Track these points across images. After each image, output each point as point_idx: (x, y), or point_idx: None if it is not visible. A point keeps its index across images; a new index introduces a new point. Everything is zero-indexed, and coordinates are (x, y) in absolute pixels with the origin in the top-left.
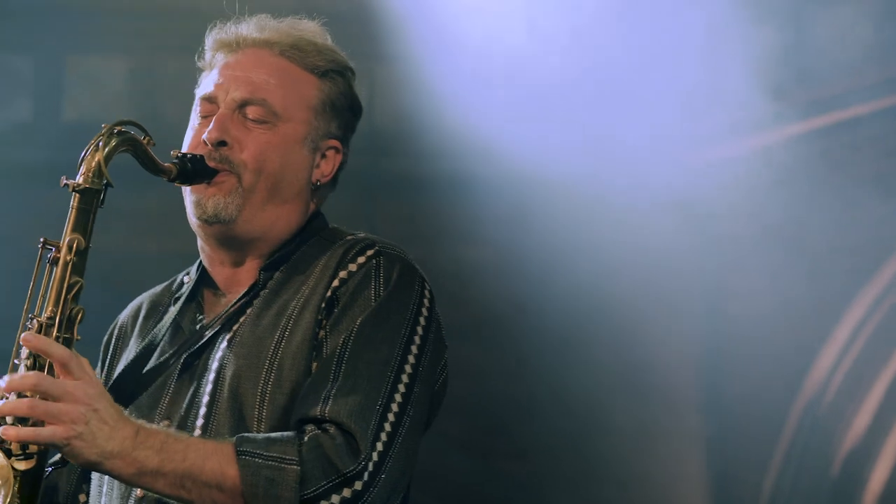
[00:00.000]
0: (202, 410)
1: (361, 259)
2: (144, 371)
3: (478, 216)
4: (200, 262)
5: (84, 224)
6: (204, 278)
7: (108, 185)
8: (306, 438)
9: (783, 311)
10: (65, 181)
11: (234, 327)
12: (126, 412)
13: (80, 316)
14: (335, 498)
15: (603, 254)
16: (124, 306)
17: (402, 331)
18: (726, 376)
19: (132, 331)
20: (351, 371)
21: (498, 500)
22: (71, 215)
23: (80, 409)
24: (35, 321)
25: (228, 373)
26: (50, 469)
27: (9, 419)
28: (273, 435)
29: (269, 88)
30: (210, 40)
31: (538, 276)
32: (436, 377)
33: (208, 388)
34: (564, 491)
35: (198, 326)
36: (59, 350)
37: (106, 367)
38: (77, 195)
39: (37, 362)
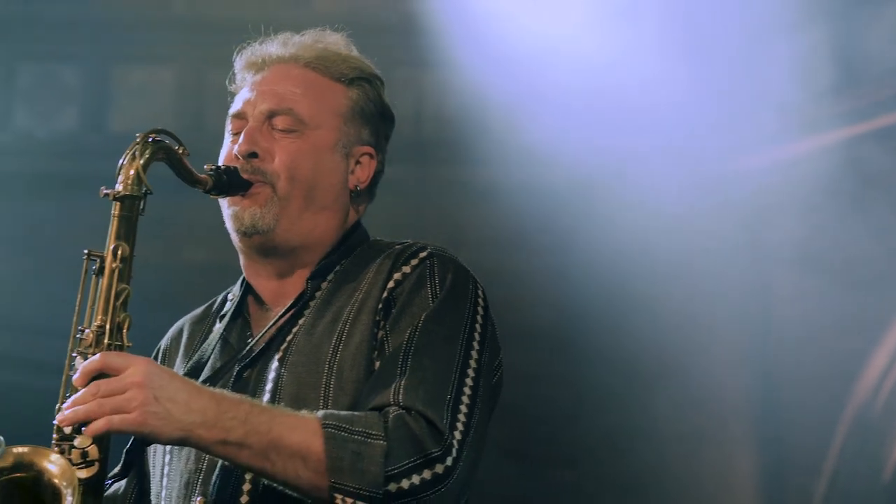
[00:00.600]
0: None
1: (415, 261)
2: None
3: (525, 223)
4: (244, 278)
5: (127, 231)
6: (248, 293)
7: (147, 192)
8: (391, 416)
9: (833, 315)
10: (105, 191)
11: (288, 338)
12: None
13: (127, 323)
14: (416, 478)
15: (650, 259)
16: (170, 318)
17: (462, 329)
18: (776, 381)
19: (176, 353)
20: (417, 366)
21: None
22: (113, 223)
23: (145, 391)
24: (88, 332)
25: (287, 381)
26: (110, 482)
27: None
28: (357, 412)
29: (296, 98)
30: (238, 63)
31: (584, 282)
32: (493, 377)
33: (265, 397)
34: (613, 498)
35: (248, 340)
36: (91, 363)
37: None
38: (118, 203)
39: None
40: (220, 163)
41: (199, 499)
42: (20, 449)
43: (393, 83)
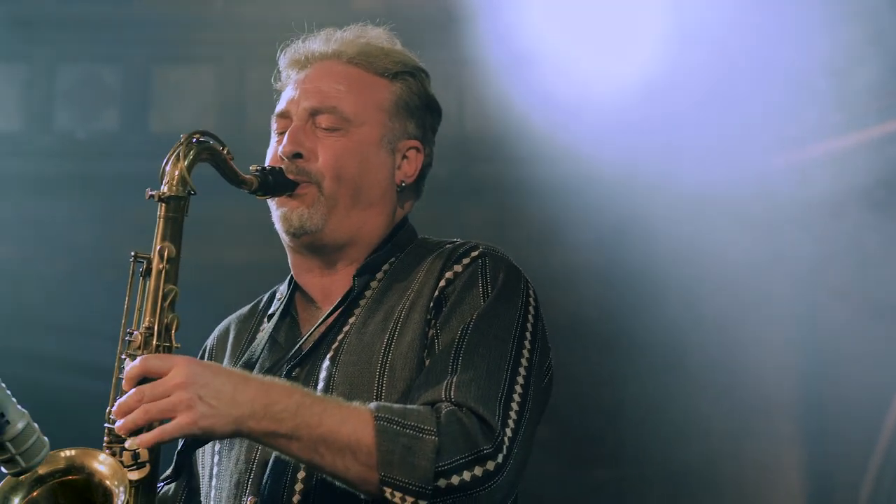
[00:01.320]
0: None
1: (466, 260)
2: None
3: (568, 221)
4: (291, 276)
5: (173, 232)
6: (296, 292)
7: (192, 192)
8: (444, 412)
9: (880, 313)
10: (150, 193)
11: (339, 336)
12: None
13: (175, 324)
14: (467, 474)
15: (693, 256)
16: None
17: (513, 328)
18: (822, 379)
19: (223, 352)
20: (468, 364)
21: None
22: (159, 225)
23: (189, 391)
24: (136, 333)
25: (339, 379)
26: (162, 484)
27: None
28: (410, 406)
29: (339, 95)
30: (283, 61)
31: (627, 280)
32: (543, 378)
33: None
34: (657, 495)
35: (297, 339)
36: (133, 369)
37: None
38: (163, 204)
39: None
40: (267, 163)
41: (250, 498)
42: (71, 451)
43: (434, 81)
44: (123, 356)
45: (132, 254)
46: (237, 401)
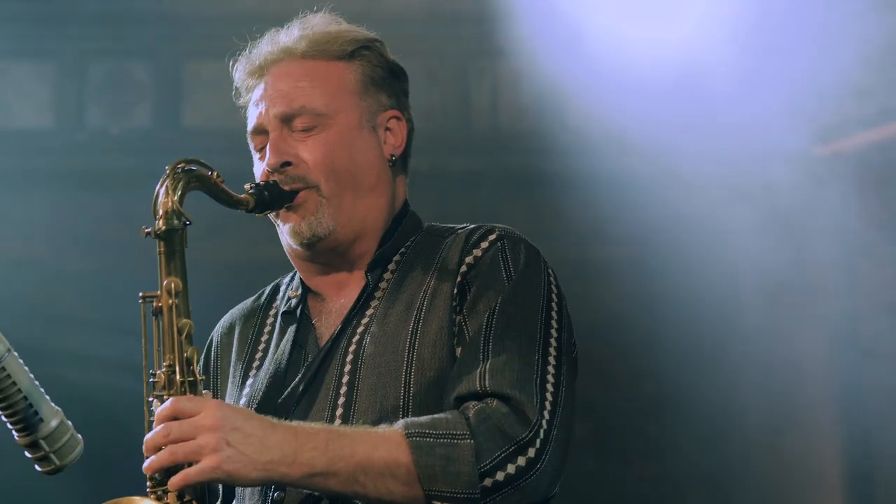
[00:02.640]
0: (338, 411)
1: (485, 244)
2: (267, 394)
3: (603, 214)
4: (298, 275)
5: (175, 266)
6: (307, 293)
7: (187, 223)
8: (472, 413)
9: None
10: (146, 230)
11: (359, 329)
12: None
13: (196, 357)
14: (511, 467)
15: (733, 250)
16: None
17: (539, 308)
18: (863, 374)
19: (229, 350)
20: (500, 349)
21: (632, 502)
22: (161, 261)
23: (217, 435)
24: (159, 373)
25: (365, 373)
26: None
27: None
28: (436, 415)
29: (304, 93)
30: (238, 76)
31: (665, 274)
32: (571, 351)
33: (343, 389)
34: (697, 491)
35: (315, 339)
36: (164, 410)
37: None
38: (161, 241)
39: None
40: (257, 177)
41: (277, 493)
42: (119, 501)
43: (469, 73)
44: (151, 399)
45: (140, 295)
46: (266, 445)
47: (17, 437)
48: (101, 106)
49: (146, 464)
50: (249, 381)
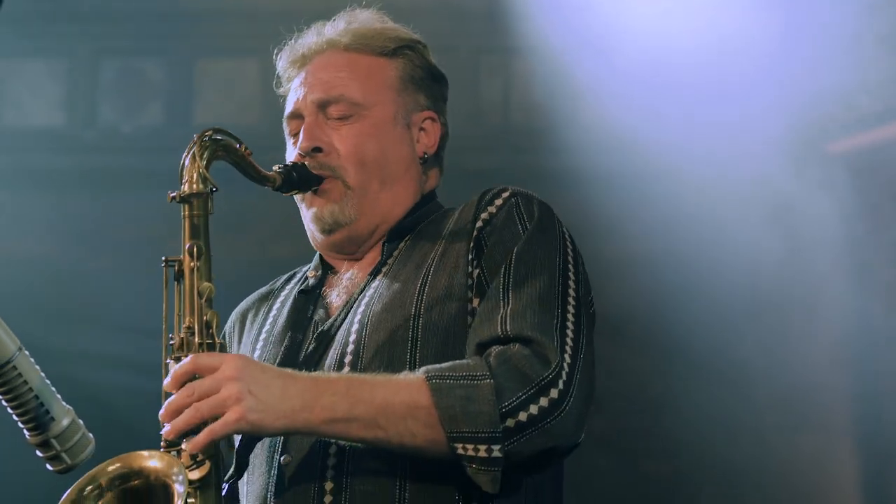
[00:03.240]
0: (345, 369)
1: (499, 201)
2: (278, 359)
3: (616, 212)
4: (320, 256)
5: (199, 231)
6: (328, 272)
7: (213, 189)
8: (493, 355)
9: None
10: (171, 195)
11: (369, 291)
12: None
13: (216, 320)
14: (533, 408)
15: (745, 247)
16: None
17: (556, 258)
18: (877, 373)
19: (242, 330)
20: (519, 294)
21: (644, 501)
22: (185, 225)
23: (238, 385)
24: (177, 338)
25: (372, 327)
26: (226, 484)
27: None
28: (457, 361)
29: (344, 82)
30: (280, 64)
31: (677, 271)
32: (590, 307)
33: (350, 347)
34: (711, 491)
35: (326, 307)
36: (183, 366)
37: None
38: (186, 205)
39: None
40: (288, 161)
41: (283, 457)
42: (130, 455)
43: (480, 70)
44: (168, 361)
45: (163, 259)
46: (287, 394)
47: (28, 436)
48: (113, 104)
49: (169, 428)
50: (257, 353)
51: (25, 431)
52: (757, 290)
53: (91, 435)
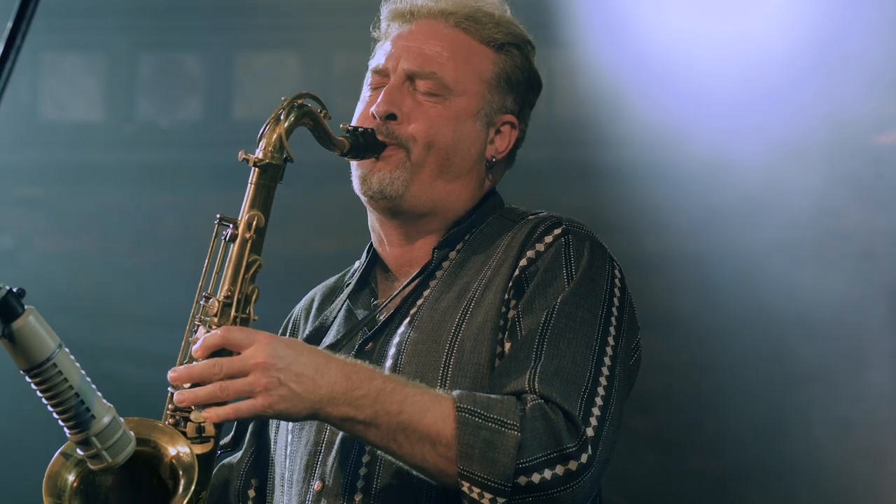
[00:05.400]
0: None
1: (549, 238)
2: None
3: (659, 205)
4: (371, 245)
5: (263, 200)
6: (375, 261)
7: (288, 159)
8: (529, 405)
9: None
10: (244, 155)
11: (412, 311)
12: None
13: (256, 295)
14: (548, 473)
15: (790, 242)
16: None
17: (599, 311)
18: None
19: (304, 323)
20: (554, 352)
21: (689, 499)
22: (250, 191)
23: (269, 374)
24: (213, 301)
25: (406, 359)
26: (220, 452)
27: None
28: (494, 396)
29: (441, 61)
30: (385, 10)
31: (723, 266)
32: (631, 357)
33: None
34: (758, 488)
35: (372, 310)
36: (213, 338)
37: None
38: (257, 170)
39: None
40: (356, 115)
41: (317, 483)
42: (133, 421)
43: None
44: (197, 322)
45: (217, 216)
46: (317, 384)
47: (68, 435)
48: (152, 98)
49: (184, 394)
50: None
51: (66, 429)
52: (804, 286)
53: (132, 433)
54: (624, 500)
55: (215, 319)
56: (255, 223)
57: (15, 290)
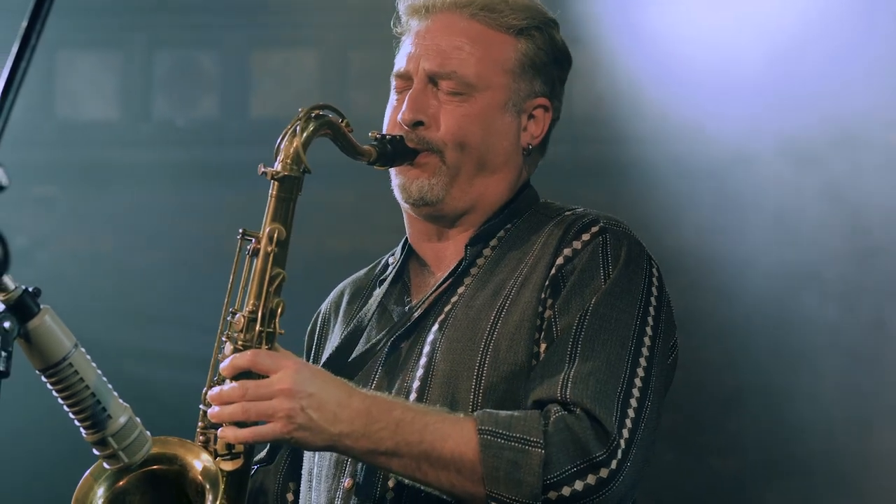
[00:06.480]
0: (412, 396)
1: (586, 236)
2: (351, 358)
3: (679, 202)
4: (406, 239)
5: (284, 213)
6: (410, 256)
7: (306, 171)
8: (552, 419)
9: None
10: (262, 169)
11: (446, 308)
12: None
13: (280, 309)
14: (579, 484)
15: (812, 239)
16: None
17: (635, 311)
18: None
19: (335, 318)
20: (588, 354)
21: (708, 497)
22: (270, 204)
23: (292, 401)
24: (239, 316)
25: (440, 357)
26: (256, 466)
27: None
28: (516, 413)
29: (461, 57)
30: (402, 5)
31: (743, 264)
32: (668, 357)
33: (419, 372)
34: (777, 488)
35: (406, 308)
36: (240, 359)
37: (311, 359)
38: (276, 183)
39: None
40: (385, 122)
41: (347, 480)
42: (163, 440)
43: None
44: (224, 338)
45: (240, 231)
46: (338, 418)
47: (84, 435)
48: (168, 97)
49: (213, 412)
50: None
51: (82, 429)
52: (825, 284)
53: (149, 433)
54: (642, 498)
55: (242, 335)
56: (276, 236)
57: (31, 289)
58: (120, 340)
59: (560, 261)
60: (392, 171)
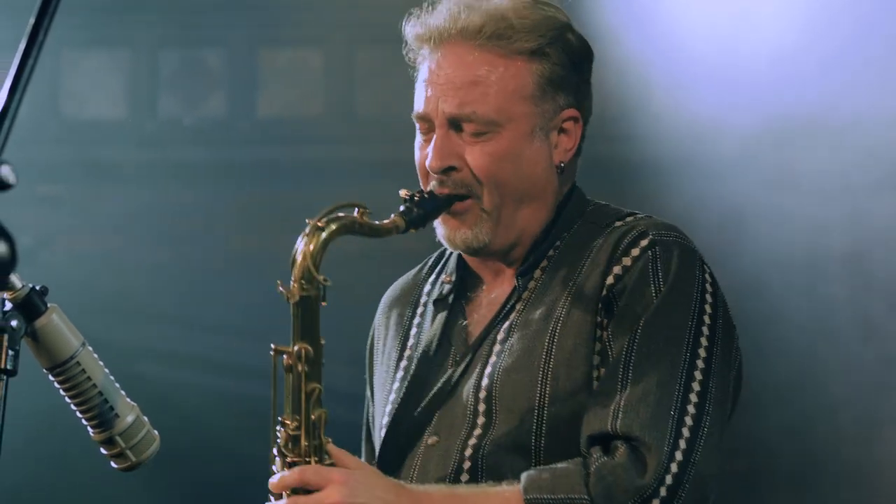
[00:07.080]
0: (476, 431)
1: (635, 251)
2: (411, 388)
3: (689, 202)
4: (459, 255)
5: (310, 330)
6: (465, 275)
7: (323, 285)
8: (593, 469)
9: None
10: (280, 288)
11: (499, 336)
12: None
13: (324, 418)
14: None
15: (823, 242)
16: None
17: (688, 325)
18: None
19: (387, 333)
20: (639, 377)
21: (717, 499)
22: (295, 324)
23: None
24: (283, 432)
25: (500, 391)
26: None
27: None
28: (559, 468)
29: (476, 94)
30: (409, 35)
31: (753, 265)
32: (730, 365)
33: (481, 407)
34: (785, 488)
35: (464, 335)
36: (290, 477)
37: (373, 373)
38: (296, 306)
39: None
40: (417, 162)
41: (432, 438)
42: None
43: None
44: (275, 450)
45: (272, 347)
46: None
47: (91, 433)
48: (174, 95)
49: None
50: (399, 375)
51: (89, 428)
52: (835, 283)
53: (156, 432)
54: None
55: (289, 451)
56: (304, 355)
57: (38, 288)
58: (127, 339)
59: (611, 280)
60: (437, 222)
